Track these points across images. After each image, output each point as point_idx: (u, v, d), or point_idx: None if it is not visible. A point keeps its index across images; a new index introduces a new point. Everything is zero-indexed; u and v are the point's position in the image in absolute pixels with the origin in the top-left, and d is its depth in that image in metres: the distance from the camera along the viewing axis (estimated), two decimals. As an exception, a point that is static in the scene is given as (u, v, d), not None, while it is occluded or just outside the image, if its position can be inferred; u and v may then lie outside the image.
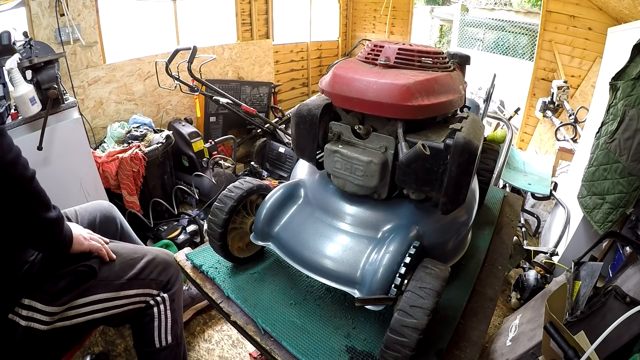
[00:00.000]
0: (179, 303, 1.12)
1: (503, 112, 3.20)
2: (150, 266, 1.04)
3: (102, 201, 1.31)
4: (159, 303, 1.05)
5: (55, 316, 0.87)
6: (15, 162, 0.72)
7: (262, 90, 3.36)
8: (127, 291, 0.98)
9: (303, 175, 0.86)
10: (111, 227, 1.25)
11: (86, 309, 0.92)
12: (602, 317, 0.89)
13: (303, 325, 0.70)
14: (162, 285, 1.06)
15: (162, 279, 1.05)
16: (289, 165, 2.92)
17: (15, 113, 1.46)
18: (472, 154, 0.59)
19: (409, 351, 0.52)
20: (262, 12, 3.69)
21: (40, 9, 2.06)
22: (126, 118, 2.56)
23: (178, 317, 1.10)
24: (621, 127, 1.39)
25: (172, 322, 1.07)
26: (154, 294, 1.04)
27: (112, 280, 0.97)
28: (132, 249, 1.07)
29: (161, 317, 1.05)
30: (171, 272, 1.08)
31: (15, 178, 0.72)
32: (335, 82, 0.69)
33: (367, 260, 0.64)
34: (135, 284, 1.00)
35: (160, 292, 1.05)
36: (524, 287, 1.75)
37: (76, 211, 1.20)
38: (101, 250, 0.97)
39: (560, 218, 2.02)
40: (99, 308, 0.94)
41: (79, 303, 0.91)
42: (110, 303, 0.96)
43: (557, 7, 2.89)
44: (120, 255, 1.02)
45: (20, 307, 0.84)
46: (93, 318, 0.93)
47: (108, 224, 1.25)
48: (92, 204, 1.27)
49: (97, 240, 0.99)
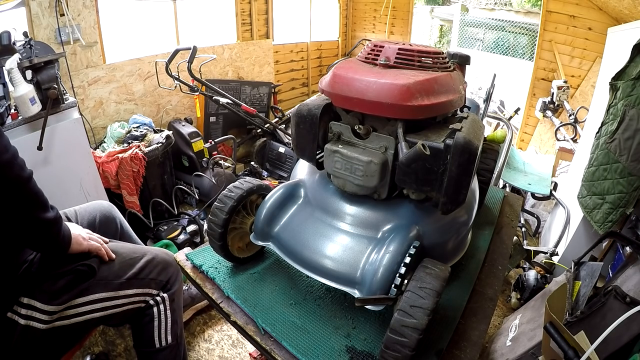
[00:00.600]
0: (178, 303, 1.11)
1: (503, 112, 3.20)
2: (149, 266, 1.04)
3: (101, 201, 1.31)
4: (159, 303, 1.04)
5: (54, 315, 0.87)
6: (12, 163, 0.71)
7: (262, 90, 3.36)
8: (126, 291, 0.98)
9: (303, 175, 0.86)
10: (111, 227, 1.25)
11: (85, 308, 0.92)
12: (602, 317, 0.89)
13: (303, 325, 0.70)
14: (161, 285, 1.05)
15: (161, 278, 1.05)
16: (289, 165, 2.92)
17: (15, 113, 1.46)
18: (472, 154, 0.59)
19: (409, 351, 0.52)
20: (262, 12, 3.69)
21: (40, 9, 2.06)
22: (126, 118, 2.56)
23: (178, 317, 1.10)
24: (621, 127, 1.39)
25: (172, 322, 1.06)
26: (153, 294, 1.04)
27: (111, 280, 0.96)
28: (131, 249, 1.07)
29: (161, 317, 1.04)
30: (171, 271, 1.08)
31: (12, 178, 0.72)
32: (335, 82, 0.69)
33: (367, 260, 0.64)
34: (135, 284, 1.00)
35: (160, 291, 1.05)
36: (524, 287, 1.75)
37: (76, 211, 1.20)
38: (100, 250, 0.97)
39: (560, 218, 2.02)
40: (98, 307, 0.94)
41: (78, 302, 0.91)
42: (110, 302, 0.95)
43: (557, 7, 2.89)
44: (120, 254, 1.02)
45: (19, 306, 0.84)
46: (92, 317, 0.93)
47: (108, 224, 1.24)
48: (92, 204, 1.26)
49: (96, 240, 0.98)
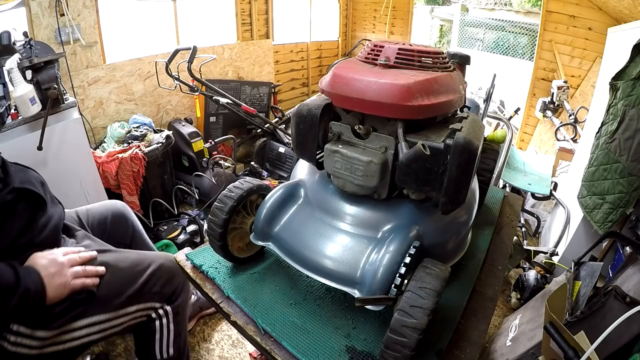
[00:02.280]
0: (183, 315, 1.06)
1: (503, 112, 3.20)
2: (153, 278, 0.97)
3: (115, 201, 1.26)
4: (161, 316, 0.99)
5: (46, 341, 0.81)
6: None
7: (262, 90, 3.36)
8: (127, 308, 0.92)
9: (303, 175, 0.85)
10: (122, 229, 1.21)
11: (81, 332, 0.85)
12: (602, 317, 0.89)
13: (303, 325, 0.70)
14: (165, 297, 1.00)
15: (166, 291, 0.99)
16: (289, 165, 2.92)
17: (15, 113, 1.46)
18: (472, 154, 0.59)
19: (409, 351, 0.52)
20: (262, 12, 3.69)
21: (40, 9, 2.06)
22: (126, 118, 2.56)
23: (182, 329, 1.05)
24: (621, 127, 1.39)
25: (175, 334, 1.02)
26: (156, 307, 0.99)
27: (111, 300, 0.89)
28: (135, 260, 1.00)
29: (163, 330, 1.00)
30: (177, 282, 1.02)
31: None
32: (335, 82, 0.69)
33: (367, 260, 0.64)
34: (137, 300, 0.94)
35: (164, 304, 1.00)
36: (524, 287, 1.75)
37: (88, 210, 1.16)
38: (85, 284, 0.85)
39: (560, 218, 2.02)
40: (95, 330, 0.87)
41: (74, 327, 0.84)
42: (108, 324, 0.89)
43: (557, 7, 2.89)
44: (122, 269, 0.95)
45: (9, 333, 0.78)
46: (89, 341, 0.87)
47: (120, 225, 1.20)
48: (105, 204, 1.22)
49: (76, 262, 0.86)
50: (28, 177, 0.93)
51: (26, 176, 0.92)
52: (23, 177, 0.91)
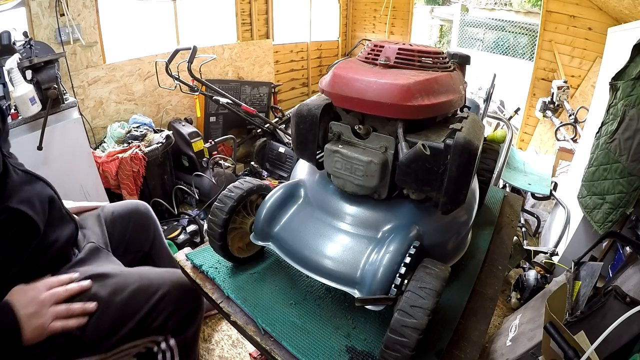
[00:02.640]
0: (192, 345, 0.92)
1: (503, 112, 3.20)
2: (159, 306, 0.84)
3: (137, 202, 1.14)
4: (164, 351, 0.86)
5: None
6: None
7: (262, 90, 3.36)
8: (122, 346, 0.79)
9: (303, 175, 0.85)
10: (144, 234, 1.10)
11: None
12: (602, 317, 0.89)
13: (303, 325, 0.70)
14: (170, 329, 0.86)
15: (170, 323, 0.85)
16: (289, 165, 2.92)
17: (15, 113, 1.46)
18: (472, 154, 0.59)
19: (409, 351, 0.52)
20: (262, 12, 3.69)
21: (40, 9, 2.06)
22: (126, 118, 2.56)
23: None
24: (621, 127, 1.39)
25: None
26: (158, 341, 0.86)
27: (99, 342, 0.76)
28: (137, 289, 0.84)
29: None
30: (187, 309, 0.89)
31: None
32: (335, 82, 0.69)
33: (367, 260, 0.64)
34: (136, 335, 0.82)
35: (168, 336, 0.86)
36: (524, 287, 1.75)
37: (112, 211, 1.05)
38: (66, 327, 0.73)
39: (560, 218, 2.02)
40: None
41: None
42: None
43: (557, 7, 2.89)
44: (117, 304, 0.81)
45: None
46: None
47: (142, 231, 1.10)
48: (129, 205, 1.11)
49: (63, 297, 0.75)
50: (31, 193, 0.80)
51: (29, 192, 0.80)
52: (25, 193, 0.78)
